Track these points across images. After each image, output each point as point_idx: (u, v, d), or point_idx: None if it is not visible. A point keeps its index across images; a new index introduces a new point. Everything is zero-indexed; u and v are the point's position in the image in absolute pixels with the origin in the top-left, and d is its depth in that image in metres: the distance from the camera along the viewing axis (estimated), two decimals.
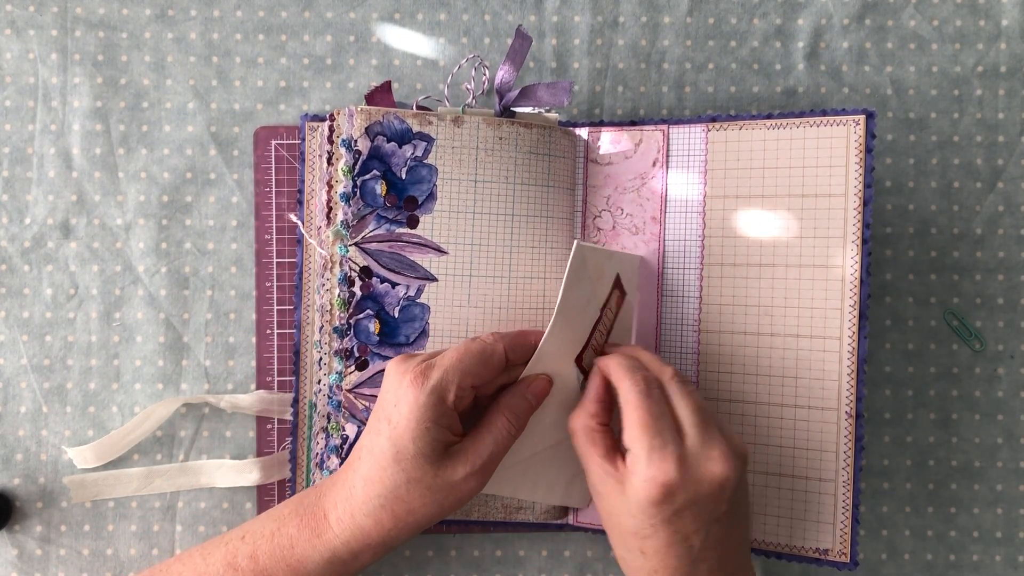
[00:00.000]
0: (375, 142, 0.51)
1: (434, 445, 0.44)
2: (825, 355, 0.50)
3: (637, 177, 0.54)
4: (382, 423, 0.45)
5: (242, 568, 0.46)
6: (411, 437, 0.44)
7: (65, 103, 0.57)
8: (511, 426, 0.46)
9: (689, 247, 0.53)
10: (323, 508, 0.46)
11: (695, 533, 0.43)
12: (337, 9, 0.58)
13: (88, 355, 0.57)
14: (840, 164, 0.50)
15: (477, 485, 0.45)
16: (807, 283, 0.51)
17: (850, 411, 0.50)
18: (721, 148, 0.53)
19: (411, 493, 0.44)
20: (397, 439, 0.44)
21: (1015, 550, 0.57)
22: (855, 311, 0.49)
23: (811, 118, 0.50)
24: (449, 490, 0.44)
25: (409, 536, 0.46)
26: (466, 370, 0.45)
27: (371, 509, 0.45)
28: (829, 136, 0.50)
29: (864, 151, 0.49)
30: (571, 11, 0.58)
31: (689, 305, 0.53)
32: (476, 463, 0.45)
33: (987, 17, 0.58)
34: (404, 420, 0.44)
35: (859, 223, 0.49)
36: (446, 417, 0.44)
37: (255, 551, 0.46)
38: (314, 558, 0.45)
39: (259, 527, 0.47)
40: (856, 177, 0.49)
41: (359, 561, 0.46)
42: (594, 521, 0.55)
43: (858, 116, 0.49)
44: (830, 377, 0.50)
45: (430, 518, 0.45)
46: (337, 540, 0.45)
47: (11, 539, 0.56)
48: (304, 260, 0.55)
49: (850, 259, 0.50)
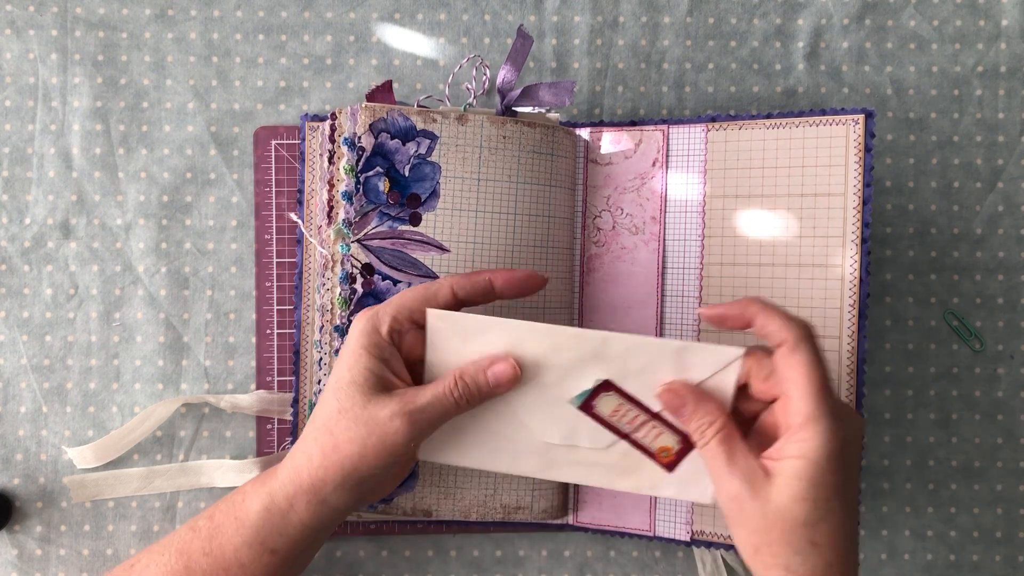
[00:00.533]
0: (379, 139, 0.51)
1: (366, 375, 0.43)
2: (825, 354, 0.50)
3: (637, 177, 0.55)
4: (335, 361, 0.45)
5: (200, 527, 0.46)
6: (347, 365, 0.44)
7: (65, 103, 0.57)
8: (456, 389, 0.44)
9: (689, 247, 0.54)
10: (282, 462, 0.46)
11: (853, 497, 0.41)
12: (337, 9, 0.58)
13: (88, 355, 0.57)
14: (840, 164, 0.50)
15: (405, 430, 0.43)
16: (807, 282, 0.51)
17: None
18: (721, 148, 0.53)
19: (339, 424, 0.43)
20: (337, 368, 0.44)
21: (1015, 550, 0.57)
22: (855, 310, 0.50)
23: (811, 118, 0.50)
24: (373, 426, 0.42)
25: (339, 485, 0.43)
26: (404, 303, 0.44)
27: (304, 444, 0.44)
28: (829, 136, 0.50)
29: (863, 151, 0.49)
30: (571, 11, 0.58)
31: (689, 305, 0.54)
32: (408, 405, 0.43)
33: (987, 17, 0.58)
34: (345, 350, 0.44)
35: (858, 223, 0.50)
36: (382, 349, 0.44)
37: (214, 511, 0.46)
38: (255, 507, 0.44)
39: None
40: (856, 176, 0.50)
41: (296, 512, 0.44)
42: (594, 521, 0.55)
43: (857, 116, 0.50)
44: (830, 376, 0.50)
45: (353, 458, 0.43)
46: (276, 483, 0.44)
47: (11, 539, 0.56)
48: (304, 260, 0.55)
49: (850, 259, 0.50)
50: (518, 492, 0.53)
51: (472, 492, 0.53)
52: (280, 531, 0.44)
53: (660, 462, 0.47)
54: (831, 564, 0.39)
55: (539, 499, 0.53)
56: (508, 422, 0.48)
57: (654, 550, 0.57)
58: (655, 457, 0.47)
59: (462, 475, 0.52)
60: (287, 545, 0.45)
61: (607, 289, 0.55)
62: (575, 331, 0.45)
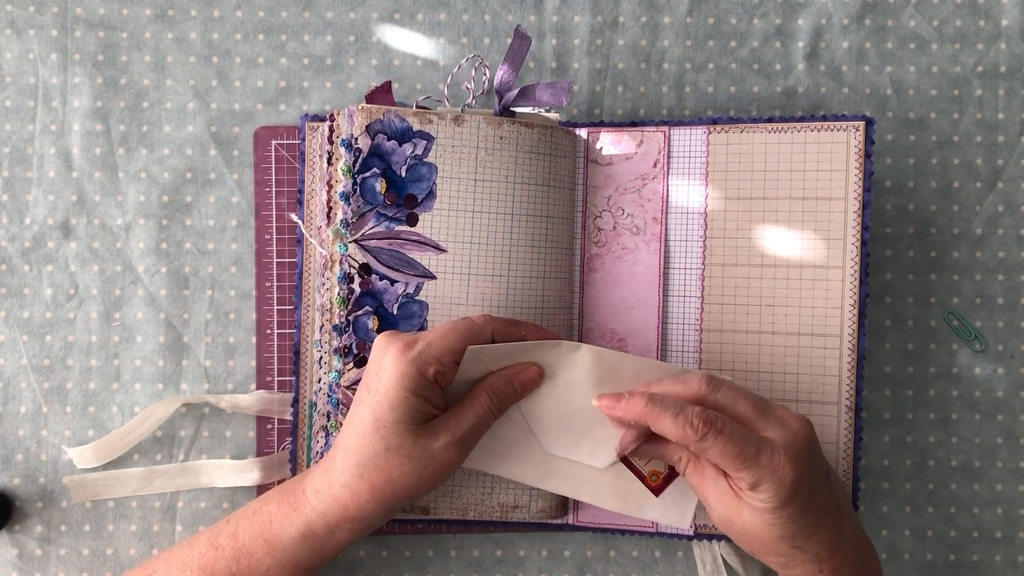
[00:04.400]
0: (375, 140, 0.51)
1: (413, 414, 0.44)
2: (826, 352, 0.51)
3: (638, 178, 0.55)
4: (363, 393, 0.45)
5: (222, 546, 0.46)
6: (390, 405, 0.44)
7: (65, 103, 0.57)
8: (492, 405, 0.46)
9: (691, 247, 0.54)
10: (303, 485, 0.47)
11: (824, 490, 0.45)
12: (337, 9, 0.58)
13: (88, 355, 0.57)
14: (840, 168, 0.51)
15: (457, 456, 0.45)
16: (808, 283, 0.52)
17: (850, 405, 0.51)
18: (722, 150, 0.53)
19: (390, 461, 0.44)
20: (377, 407, 0.44)
21: (1015, 550, 0.57)
22: (855, 309, 0.51)
23: (811, 123, 0.51)
24: (429, 458, 0.45)
25: (385, 511, 0.46)
26: (449, 346, 0.45)
27: (349, 479, 0.45)
28: (829, 141, 0.51)
29: (864, 156, 0.51)
30: (571, 11, 0.58)
31: (691, 305, 0.54)
32: (456, 433, 0.45)
33: (987, 17, 0.58)
34: (384, 388, 0.44)
35: (858, 226, 0.51)
36: (426, 389, 0.45)
37: (236, 529, 0.47)
38: (290, 532, 0.45)
39: (243, 508, 0.48)
40: (856, 181, 0.51)
41: (336, 537, 0.46)
42: (594, 520, 0.55)
43: (858, 123, 0.51)
44: (830, 373, 0.51)
45: (408, 489, 0.45)
46: (313, 513, 0.45)
47: (11, 539, 0.56)
48: (304, 260, 0.55)
49: (850, 260, 0.51)
50: (515, 491, 0.53)
51: (470, 491, 0.53)
52: (318, 553, 0.46)
53: (649, 485, 0.51)
54: (819, 555, 0.45)
55: (536, 499, 0.53)
56: (515, 429, 0.50)
57: (654, 550, 0.57)
58: (645, 480, 0.51)
59: (460, 474, 0.53)
60: (322, 563, 0.47)
61: (608, 289, 0.55)
62: (597, 351, 0.48)
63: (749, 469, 0.42)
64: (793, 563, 0.45)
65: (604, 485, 0.51)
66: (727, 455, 0.43)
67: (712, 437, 0.43)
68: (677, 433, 0.43)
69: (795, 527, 0.44)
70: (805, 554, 0.45)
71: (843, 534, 0.46)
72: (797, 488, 0.43)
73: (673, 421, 0.43)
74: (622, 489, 0.51)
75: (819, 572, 0.45)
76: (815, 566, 0.45)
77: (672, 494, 0.51)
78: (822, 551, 0.45)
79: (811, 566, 0.45)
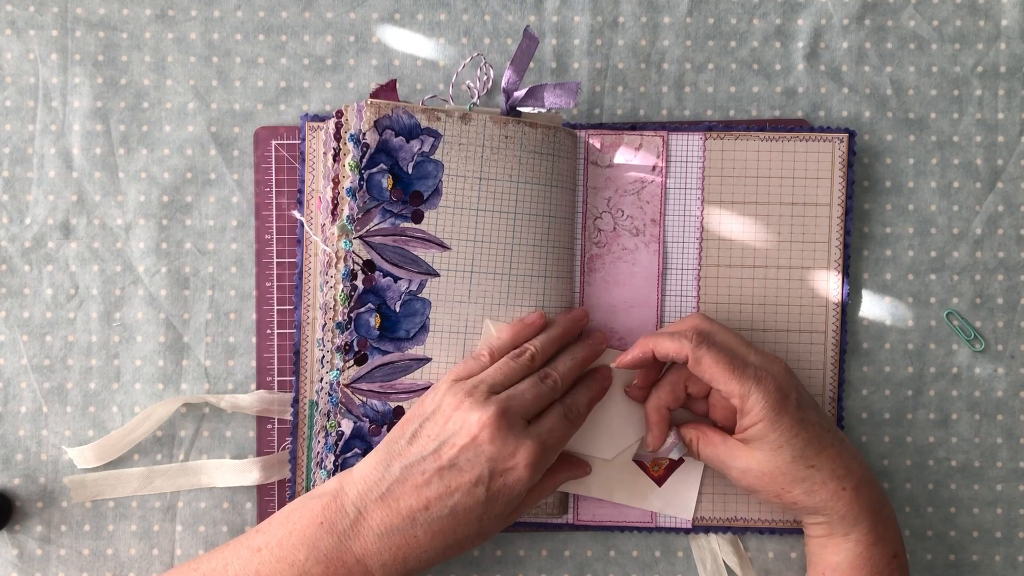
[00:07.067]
0: (383, 136, 0.51)
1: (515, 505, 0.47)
2: (812, 347, 0.55)
3: (637, 180, 0.55)
4: (479, 487, 0.45)
5: None
6: (504, 502, 0.46)
7: (65, 103, 0.57)
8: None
9: (688, 249, 0.56)
10: (354, 554, 0.45)
11: (810, 407, 0.49)
12: (337, 9, 0.58)
13: (88, 355, 0.57)
14: (826, 176, 0.56)
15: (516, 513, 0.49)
16: (796, 283, 0.56)
17: (833, 396, 0.56)
18: (718, 156, 0.56)
19: (472, 541, 0.46)
20: (490, 503, 0.45)
21: (1015, 550, 0.57)
22: (838, 309, 0.56)
23: (800, 133, 0.55)
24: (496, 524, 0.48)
25: None
26: (565, 439, 0.49)
27: (428, 556, 0.45)
28: (816, 151, 0.55)
29: (847, 166, 0.55)
30: (571, 11, 0.58)
31: (688, 304, 0.56)
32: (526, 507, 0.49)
33: (987, 17, 0.58)
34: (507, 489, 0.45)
35: (841, 229, 0.56)
36: None
37: (259, 568, 0.45)
38: None
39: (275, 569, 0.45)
40: (840, 189, 0.56)
41: None
42: (595, 518, 0.55)
43: (842, 135, 0.55)
44: (816, 367, 0.55)
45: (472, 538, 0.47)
46: (376, 565, 0.45)
47: (11, 539, 0.56)
48: (304, 260, 0.55)
49: (834, 261, 0.56)
50: None
51: None
52: None
53: (652, 475, 0.54)
54: (836, 472, 0.48)
55: None
56: None
57: (654, 550, 0.57)
58: (647, 470, 0.54)
59: None
60: None
61: (608, 289, 0.55)
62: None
63: (738, 380, 0.47)
64: (815, 486, 0.48)
65: (612, 479, 0.54)
66: (719, 364, 0.47)
67: (705, 347, 0.48)
68: (674, 347, 0.48)
69: (800, 442, 0.48)
70: (822, 473, 0.48)
71: (852, 454, 0.49)
72: (784, 394, 0.48)
73: (671, 339, 0.49)
74: (628, 481, 0.54)
75: (842, 490, 0.48)
76: (836, 484, 0.48)
77: (674, 484, 0.54)
78: (837, 467, 0.48)
79: (833, 484, 0.48)
